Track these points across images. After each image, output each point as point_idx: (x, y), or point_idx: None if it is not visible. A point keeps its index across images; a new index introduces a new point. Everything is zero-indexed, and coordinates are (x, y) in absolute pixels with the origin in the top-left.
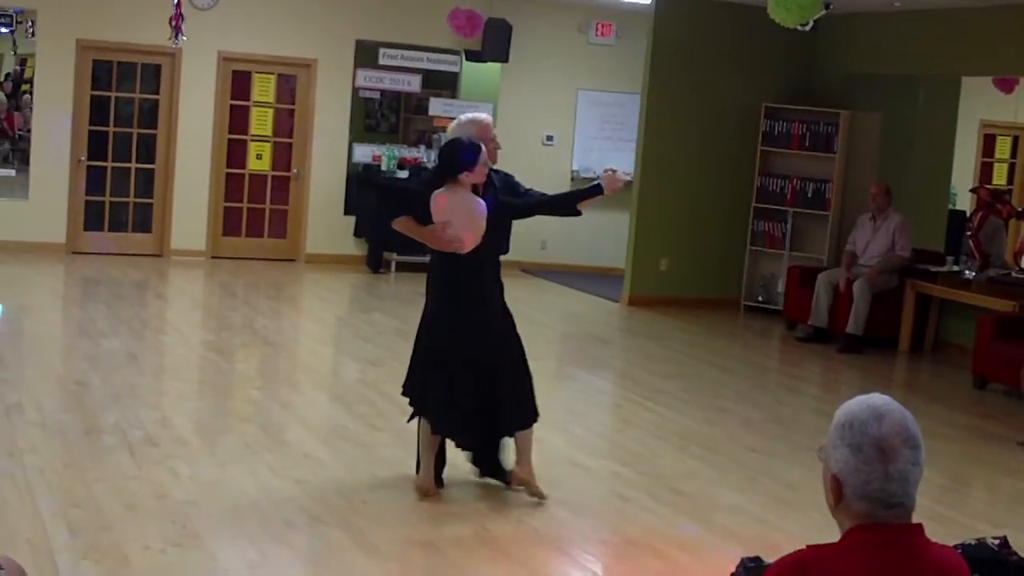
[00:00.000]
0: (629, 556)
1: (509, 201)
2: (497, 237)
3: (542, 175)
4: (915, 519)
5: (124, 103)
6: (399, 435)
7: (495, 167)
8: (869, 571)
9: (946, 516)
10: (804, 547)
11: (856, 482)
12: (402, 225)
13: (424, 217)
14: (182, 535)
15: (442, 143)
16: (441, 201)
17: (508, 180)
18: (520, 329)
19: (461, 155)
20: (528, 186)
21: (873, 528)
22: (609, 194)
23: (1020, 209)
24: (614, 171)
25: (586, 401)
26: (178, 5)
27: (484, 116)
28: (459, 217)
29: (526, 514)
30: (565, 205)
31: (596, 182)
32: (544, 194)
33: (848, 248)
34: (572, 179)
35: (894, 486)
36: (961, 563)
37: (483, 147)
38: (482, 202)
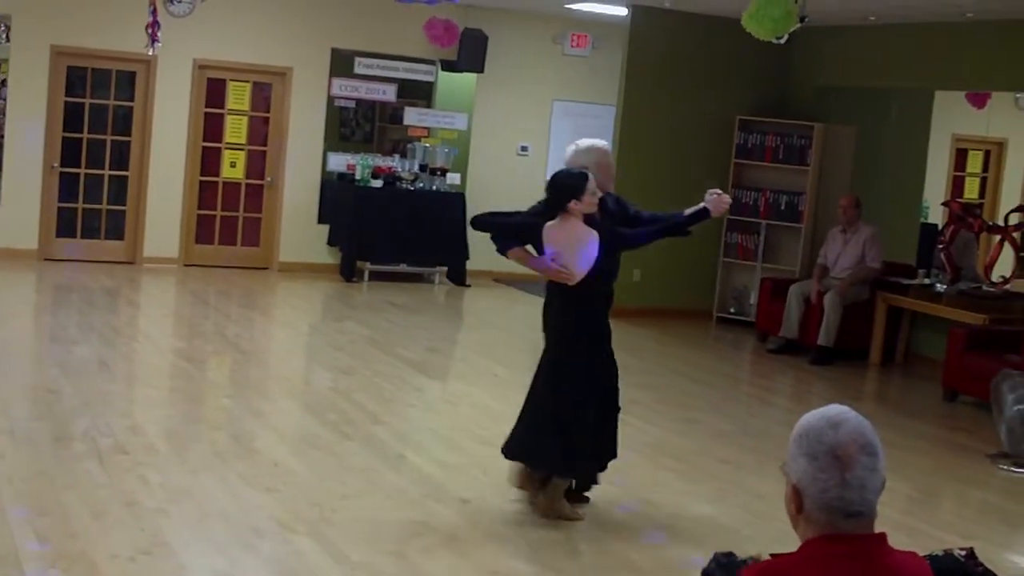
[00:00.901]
0: (602, 566)
1: (620, 232)
2: (611, 264)
3: (517, 185)
4: (886, 530)
5: (98, 110)
6: (369, 444)
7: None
8: None
9: (915, 528)
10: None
11: (814, 491)
12: (515, 256)
13: (537, 248)
14: (151, 543)
15: (556, 171)
16: (552, 232)
17: (620, 202)
18: (493, 338)
19: (568, 185)
20: (635, 207)
21: (834, 539)
22: (716, 215)
23: (991, 223)
24: (719, 193)
25: None
26: (154, 12)
27: (602, 144)
28: (569, 248)
29: (497, 524)
30: (675, 232)
31: (703, 205)
32: (654, 215)
33: (820, 261)
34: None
35: (852, 494)
36: (925, 570)
37: (590, 175)
38: (594, 232)
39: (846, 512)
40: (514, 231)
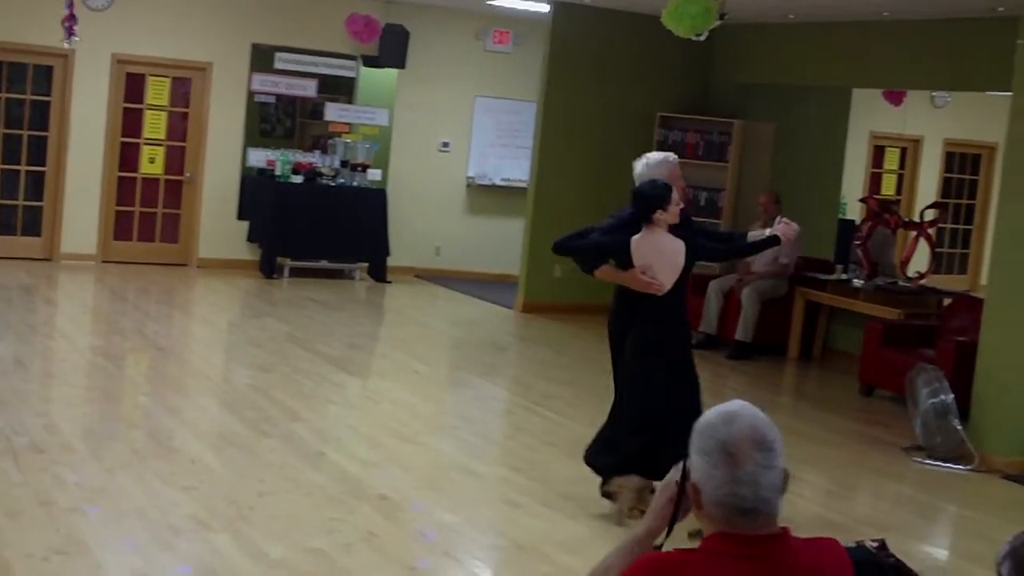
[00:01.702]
0: (518, 561)
1: (704, 244)
2: (687, 274)
3: (438, 181)
4: (803, 523)
5: (15, 104)
6: (287, 441)
7: None
8: None
9: (833, 520)
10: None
11: (709, 488)
12: (604, 273)
13: (621, 262)
14: (67, 543)
15: (635, 185)
16: (641, 245)
17: (686, 214)
18: (414, 334)
19: (655, 196)
20: (696, 222)
21: (729, 537)
22: (786, 242)
23: (907, 219)
24: (787, 221)
25: (478, 407)
26: (71, 6)
27: (673, 156)
28: (658, 258)
29: (415, 519)
30: (746, 253)
31: (773, 233)
32: (718, 232)
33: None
34: (468, 185)
35: (744, 490)
36: (839, 557)
37: (673, 187)
38: (680, 242)
39: (740, 509)
40: (602, 251)
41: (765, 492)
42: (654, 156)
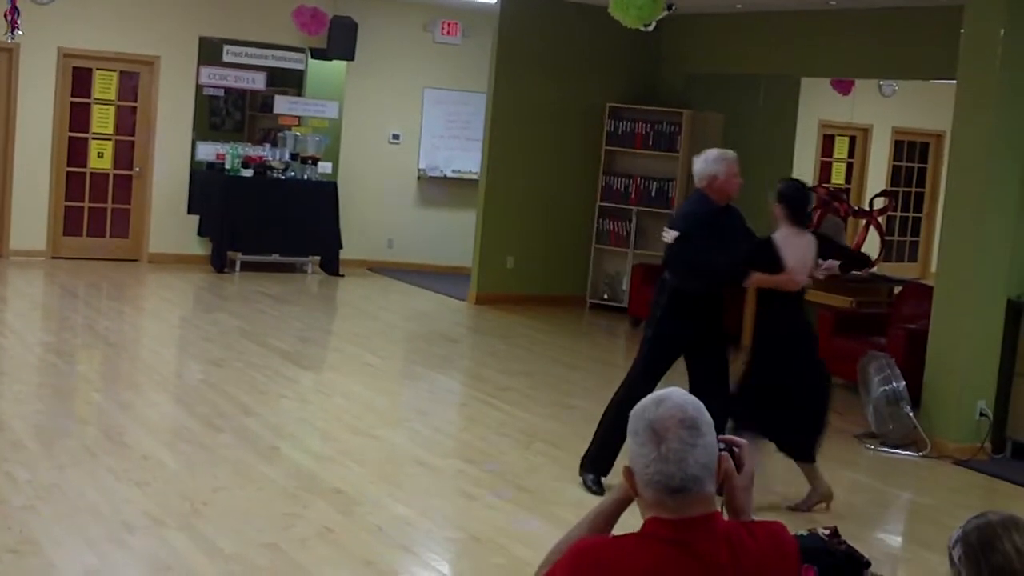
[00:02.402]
0: (474, 553)
1: (831, 239)
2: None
3: (389, 174)
4: (756, 511)
5: None
6: (241, 436)
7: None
8: (654, 567)
9: (785, 508)
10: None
11: (639, 468)
12: (757, 281)
13: (766, 267)
14: (19, 541)
15: (783, 188)
16: (789, 245)
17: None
18: (367, 328)
19: (806, 195)
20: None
21: (662, 523)
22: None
23: (857, 207)
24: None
25: (432, 400)
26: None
27: (731, 153)
28: (802, 256)
29: (370, 513)
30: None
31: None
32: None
33: None
34: (419, 177)
35: (670, 467)
36: (783, 541)
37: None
38: (810, 236)
39: (668, 487)
40: (752, 262)
41: (692, 470)
42: (712, 152)
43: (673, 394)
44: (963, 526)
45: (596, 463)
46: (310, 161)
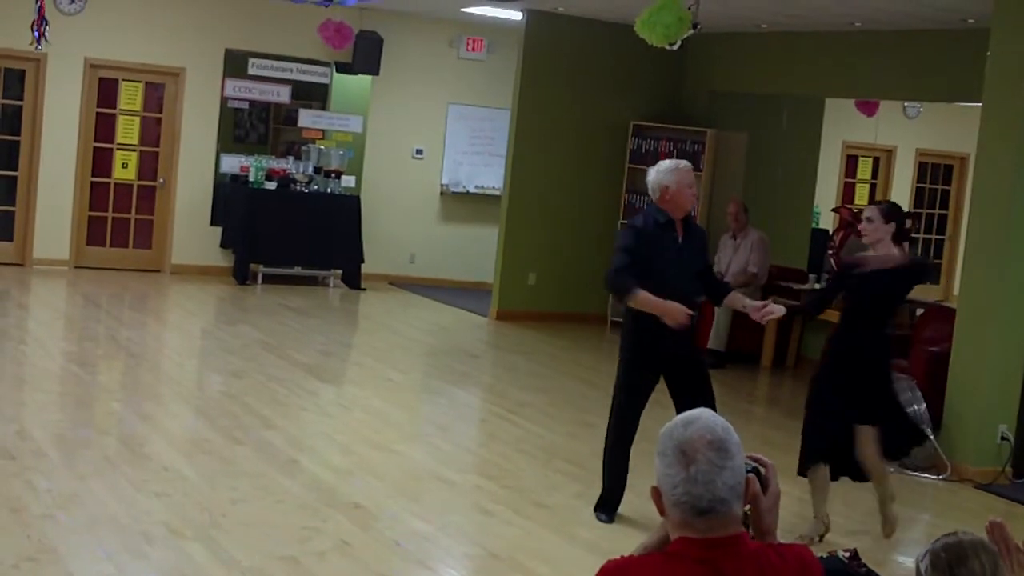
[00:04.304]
0: (492, 570)
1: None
2: None
3: (412, 189)
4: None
5: None
6: (260, 448)
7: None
8: None
9: (805, 530)
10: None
11: (667, 488)
12: (642, 302)
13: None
14: (38, 550)
15: (885, 204)
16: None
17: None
18: (388, 342)
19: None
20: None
21: (690, 543)
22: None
23: None
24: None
25: (452, 415)
26: (40, 9)
27: (684, 163)
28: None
29: (388, 528)
30: None
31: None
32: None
33: (715, 268)
34: (441, 192)
35: (698, 489)
36: (809, 565)
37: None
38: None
39: (696, 509)
40: (829, 291)
41: (721, 492)
42: (666, 163)
43: (702, 416)
44: (933, 543)
45: (607, 505)
46: (333, 175)
